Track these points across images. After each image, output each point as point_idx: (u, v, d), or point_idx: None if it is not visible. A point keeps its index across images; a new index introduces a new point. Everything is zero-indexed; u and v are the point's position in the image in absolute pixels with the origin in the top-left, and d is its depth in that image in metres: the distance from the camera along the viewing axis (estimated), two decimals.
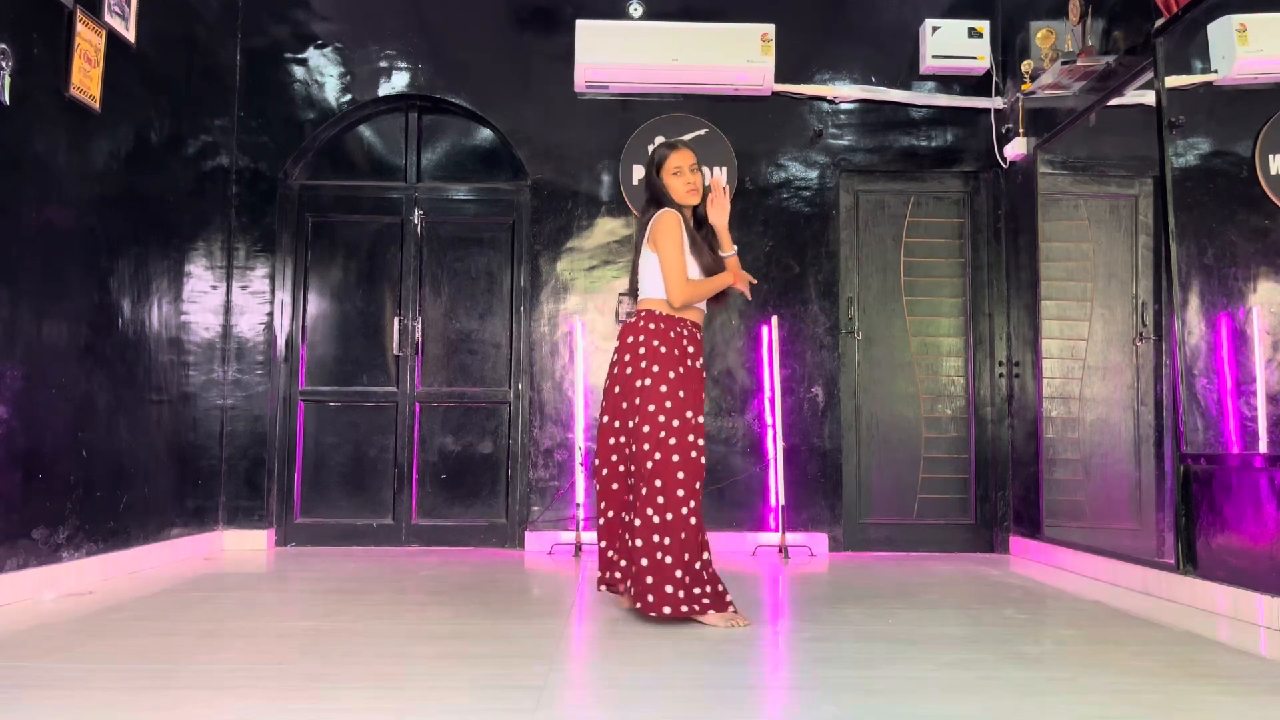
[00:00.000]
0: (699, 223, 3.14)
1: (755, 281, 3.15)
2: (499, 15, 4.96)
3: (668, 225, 3.00)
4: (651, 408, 2.92)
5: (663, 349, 2.97)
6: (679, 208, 3.09)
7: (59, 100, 3.42)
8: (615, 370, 3.09)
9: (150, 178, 4.06)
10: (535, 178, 4.93)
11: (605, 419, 3.11)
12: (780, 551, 4.59)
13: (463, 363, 4.97)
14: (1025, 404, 4.68)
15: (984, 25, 4.84)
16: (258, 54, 4.91)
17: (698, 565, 2.91)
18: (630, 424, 2.99)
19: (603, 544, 3.11)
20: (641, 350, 2.99)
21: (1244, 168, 3.33)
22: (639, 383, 2.97)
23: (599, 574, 3.13)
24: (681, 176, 3.07)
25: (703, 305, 3.13)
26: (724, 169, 4.89)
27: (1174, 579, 3.37)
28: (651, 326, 3.00)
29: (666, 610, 2.81)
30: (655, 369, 2.95)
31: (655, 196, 3.13)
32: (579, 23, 4.74)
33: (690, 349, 3.03)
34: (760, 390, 4.83)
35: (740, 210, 4.90)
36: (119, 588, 3.47)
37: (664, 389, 2.93)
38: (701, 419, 2.97)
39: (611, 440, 3.08)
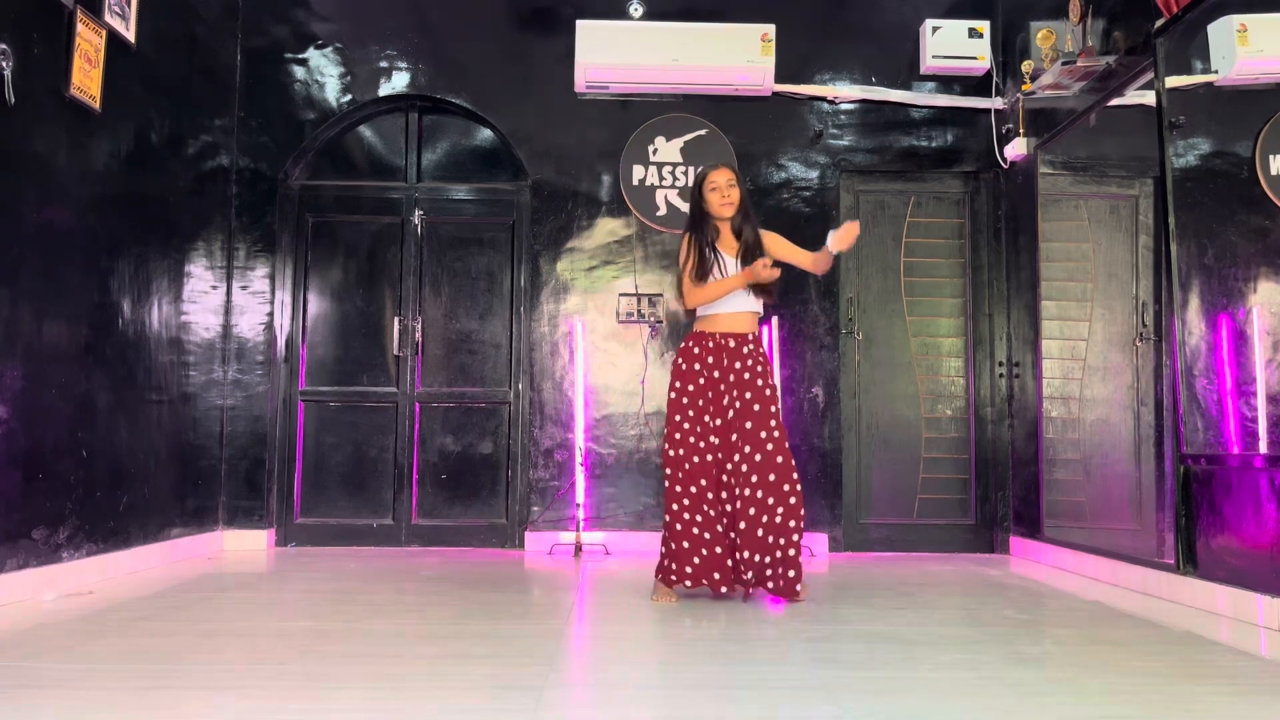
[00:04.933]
0: (738, 236, 3.47)
1: (769, 268, 3.33)
2: (499, 15, 4.96)
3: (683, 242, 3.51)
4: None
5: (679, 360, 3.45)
6: (713, 220, 3.47)
7: (59, 100, 3.42)
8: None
9: (150, 178, 4.06)
10: (535, 178, 4.93)
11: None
12: None
13: (463, 363, 4.97)
14: (1025, 404, 4.67)
15: (984, 25, 4.84)
16: (258, 54, 4.91)
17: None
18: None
19: None
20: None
21: (1244, 168, 3.33)
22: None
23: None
24: (718, 191, 3.42)
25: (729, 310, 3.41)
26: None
27: (1174, 579, 3.37)
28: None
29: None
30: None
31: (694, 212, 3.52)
32: (579, 23, 4.74)
33: (710, 360, 3.39)
34: None
35: None
36: (119, 588, 3.47)
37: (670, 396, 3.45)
38: (684, 421, 3.36)
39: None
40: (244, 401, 4.76)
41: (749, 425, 3.31)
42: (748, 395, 3.34)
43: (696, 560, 3.27)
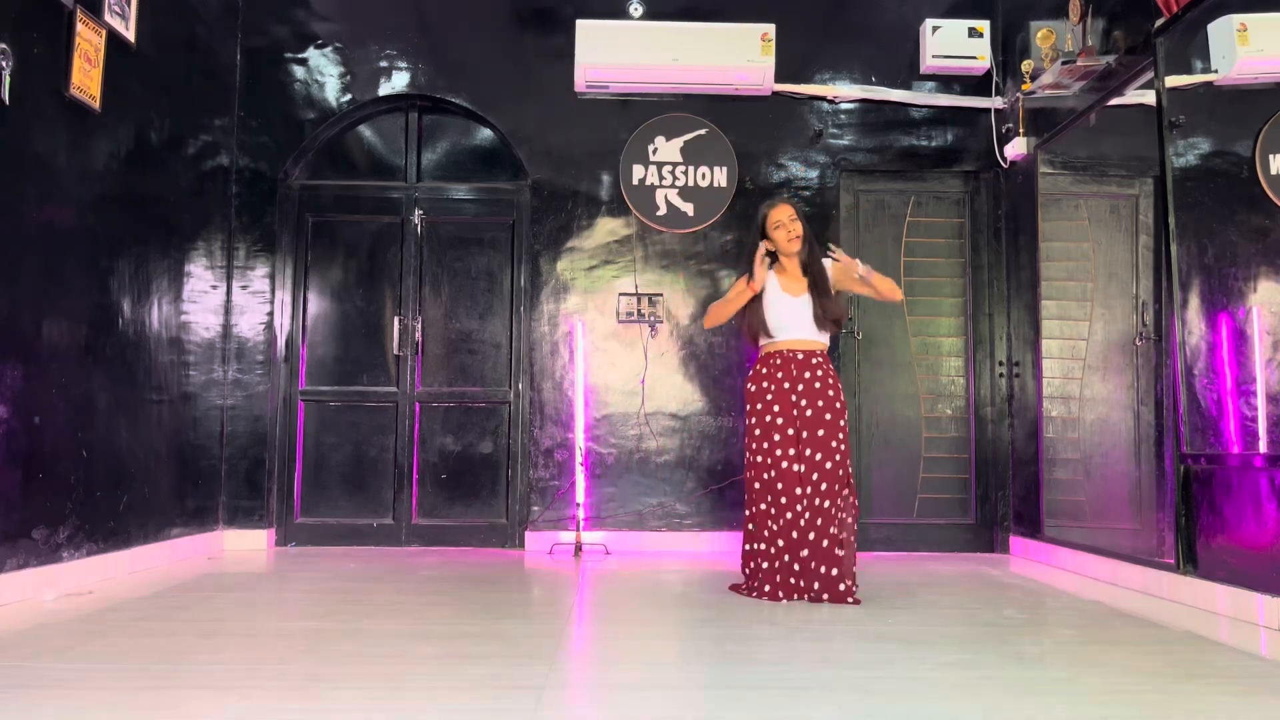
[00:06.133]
0: (804, 269, 3.58)
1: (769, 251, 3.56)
2: (499, 15, 4.96)
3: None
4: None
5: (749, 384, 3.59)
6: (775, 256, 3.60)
7: (59, 100, 3.42)
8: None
9: (150, 178, 4.06)
10: (535, 177, 4.93)
11: None
12: None
13: (463, 362, 4.96)
14: (1025, 404, 4.67)
15: (984, 25, 4.83)
16: (258, 54, 4.91)
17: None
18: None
19: None
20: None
21: (1244, 168, 3.32)
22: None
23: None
24: (784, 229, 3.52)
25: (792, 334, 3.53)
26: (724, 169, 4.89)
27: (1174, 579, 3.37)
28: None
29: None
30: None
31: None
32: (579, 22, 4.74)
33: (779, 375, 3.49)
34: None
35: (741, 210, 4.90)
36: (119, 588, 3.47)
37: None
38: (757, 438, 3.48)
39: None
40: (244, 401, 4.76)
41: (821, 433, 3.40)
42: (819, 404, 3.43)
43: (777, 578, 3.34)
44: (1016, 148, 4.65)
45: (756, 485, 3.47)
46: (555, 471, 4.79)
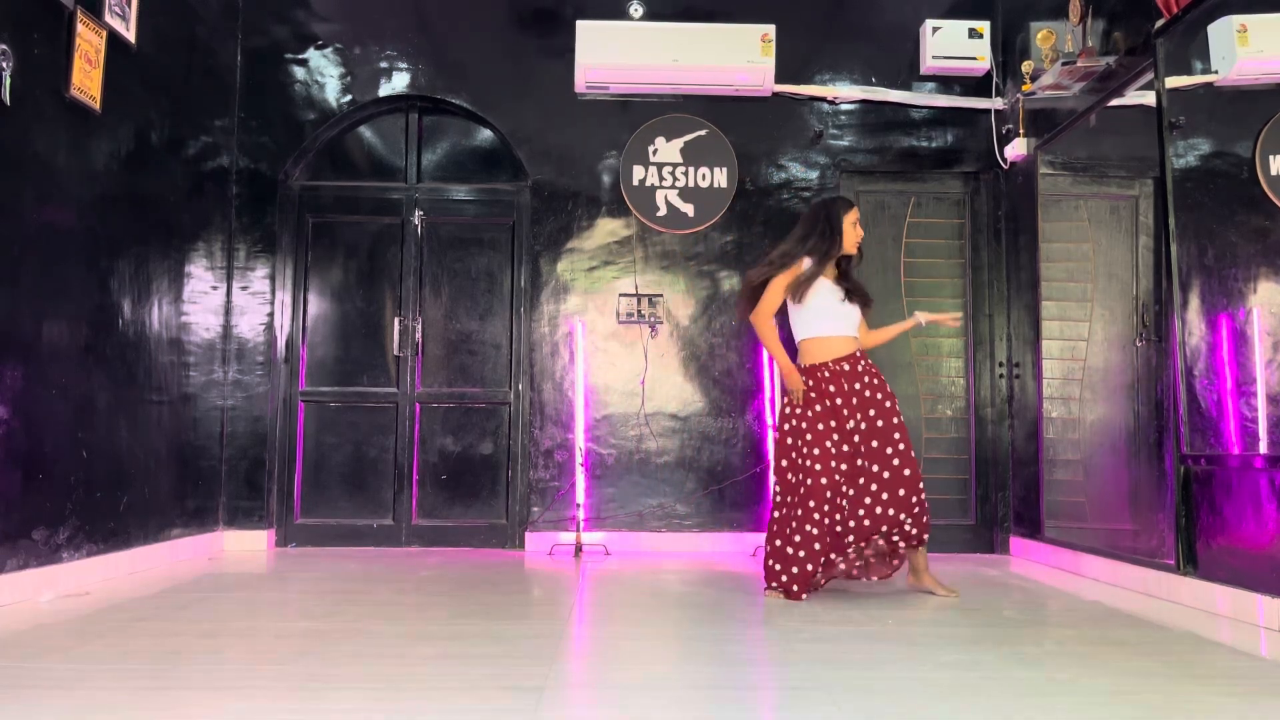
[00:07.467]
0: (844, 275, 3.63)
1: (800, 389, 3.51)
2: (499, 15, 4.96)
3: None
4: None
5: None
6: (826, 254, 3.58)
7: (59, 100, 3.42)
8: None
9: (150, 178, 4.06)
10: (535, 178, 4.93)
11: None
12: None
13: (463, 363, 4.97)
14: (1025, 404, 4.67)
15: (984, 26, 4.83)
16: (258, 54, 4.91)
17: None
18: None
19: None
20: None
21: (1244, 168, 3.33)
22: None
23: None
24: (857, 228, 3.58)
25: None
26: (724, 170, 4.89)
27: (1174, 579, 3.37)
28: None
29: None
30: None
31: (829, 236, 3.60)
32: (579, 23, 4.74)
33: (830, 389, 3.47)
34: (760, 390, 4.83)
35: (741, 211, 4.90)
36: (119, 588, 3.47)
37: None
38: (803, 446, 3.43)
39: None
40: (244, 402, 4.76)
41: (875, 444, 3.43)
42: (871, 413, 3.44)
43: (818, 576, 3.43)
44: (1016, 148, 4.66)
45: (793, 498, 3.42)
46: (555, 472, 4.79)
